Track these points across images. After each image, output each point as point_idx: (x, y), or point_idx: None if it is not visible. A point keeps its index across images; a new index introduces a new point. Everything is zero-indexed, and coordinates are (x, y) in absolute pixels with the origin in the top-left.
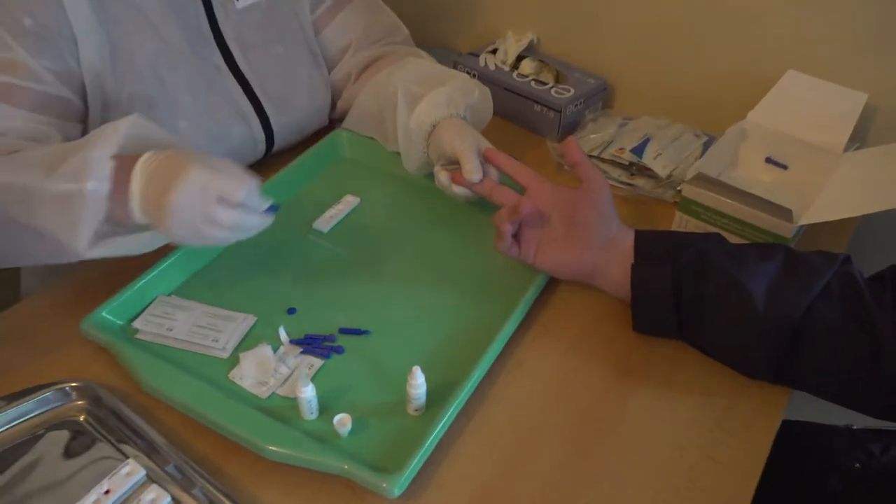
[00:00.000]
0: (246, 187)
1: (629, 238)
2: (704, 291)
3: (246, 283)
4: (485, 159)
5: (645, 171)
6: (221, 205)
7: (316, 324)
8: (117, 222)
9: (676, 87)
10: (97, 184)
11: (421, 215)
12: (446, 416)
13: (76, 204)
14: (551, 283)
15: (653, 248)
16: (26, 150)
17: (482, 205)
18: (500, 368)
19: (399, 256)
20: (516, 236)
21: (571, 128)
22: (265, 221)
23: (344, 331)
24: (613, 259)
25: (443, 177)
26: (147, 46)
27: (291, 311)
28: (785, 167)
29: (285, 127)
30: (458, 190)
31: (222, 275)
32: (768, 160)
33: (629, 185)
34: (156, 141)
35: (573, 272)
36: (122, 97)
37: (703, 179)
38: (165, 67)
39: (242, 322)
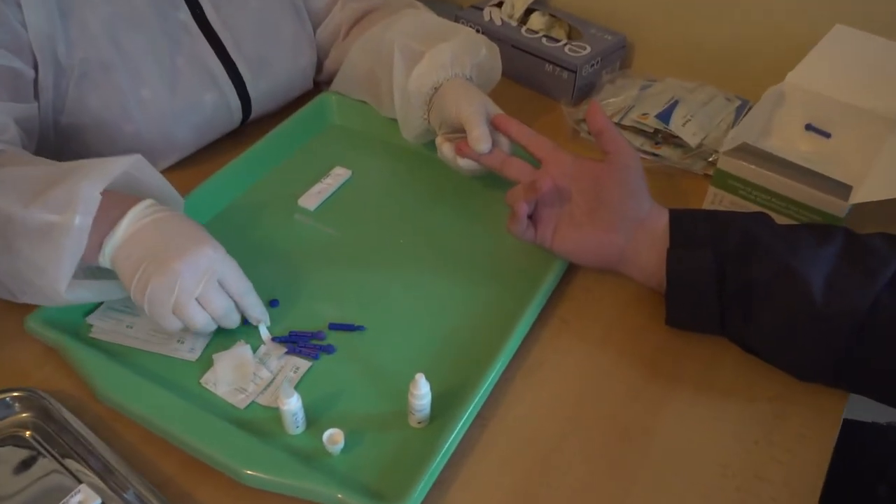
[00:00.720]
0: (248, 284)
1: (663, 218)
2: (753, 280)
3: None
4: (494, 127)
5: (671, 140)
6: (217, 288)
7: (302, 318)
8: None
9: (704, 44)
10: (85, 219)
11: (421, 191)
12: (455, 430)
13: (59, 237)
14: (571, 270)
15: (691, 230)
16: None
17: (492, 179)
18: (514, 370)
19: (397, 239)
20: (532, 217)
21: (587, 90)
22: (233, 324)
23: (334, 326)
24: (644, 242)
25: (446, 148)
26: (100, 4)
27: (273, 303)
28: (828, 135)
29: (264, 93)
30: (463, 163)
31: None
32: (808, 127)
33: (654, 154)
34: (148, 187)
35: (598, 258)
36: (73, 63)
37: (744, 150)
38: (122, 28)
39: None
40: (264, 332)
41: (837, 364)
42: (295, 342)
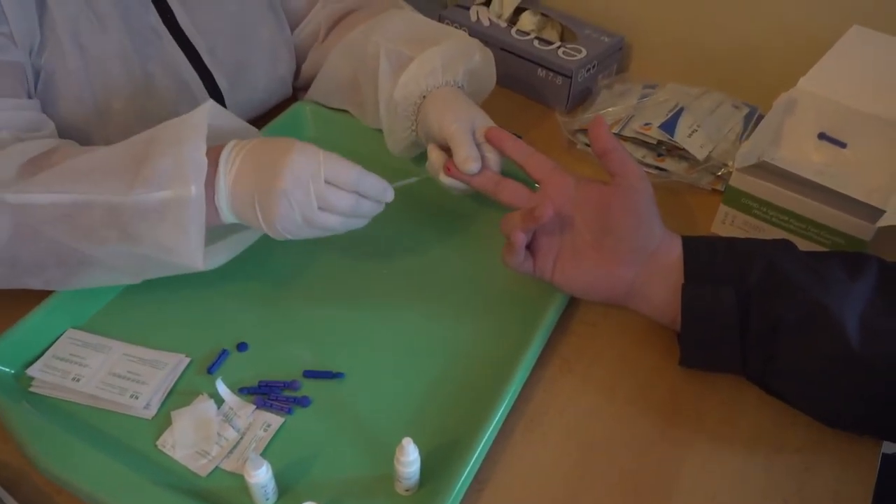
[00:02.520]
0: (357, 169)
1: (675, 247)
2: (779, 318)
3: (181, 309)
4: (487, 141)
5: (676, 152)
6: (333, 188)
7: (273, 365)
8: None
9: (709, 45)
10: (199, 186)
11: (409, 214)
12: (450, 498)
13: (181, 212)
14: (573, 303)
15: (708, 261)
16: (65, 159)
17: (486, 198)
18: (514, 422)
19: (379, 270)
20: (530, 246)
21: (583, 97)
22: (378, 207)
23: (310, 374)
24: (656, 275)
25: (434, 156)
26: (66, 5)
27: (242, 346)
28: (843, 145)
29: (241, 104)
30: (447, 180)
31: (151, 297)
32: (822, 136)
33: (658, 168)
34: (222, 130)
35: (604, 292)
36: (41, 64)
37: (758, 166)
38: (87, 31)
39: (174, 368)
40: (222, 390)
41: (873, 411)
42: (265, 394)
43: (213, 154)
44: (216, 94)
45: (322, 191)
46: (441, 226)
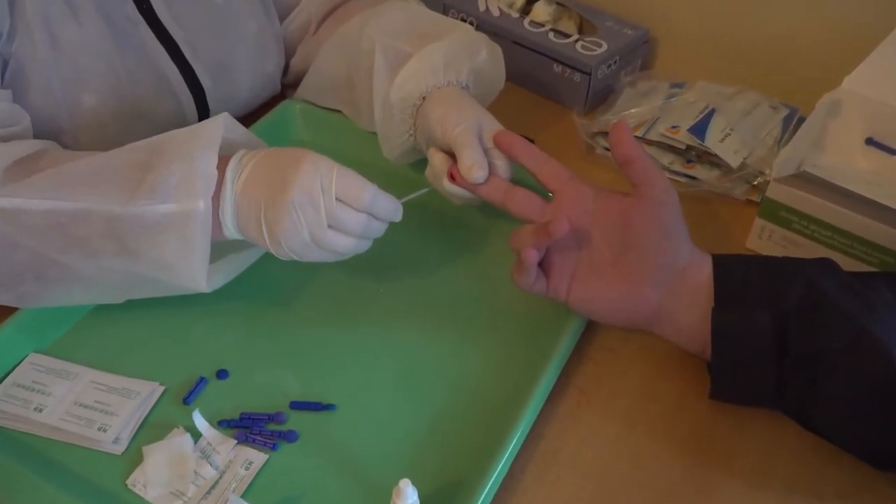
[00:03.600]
0: (372, 188)
1: (705, 267)
2: (820, 347)
3: (155, 332)
4: (495, 146)
5: (707, 158)
6: (344, 206)
7: (257, 395)
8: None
9: (744, 39)
10: (208, 200)
11: (408, 226)
12: None
13: (186, 227)
14: (591, 327)
15: (741, 283)
16: (56, 163)
17: (493, 209)
18: (524, 461)
19: (375, 288)
20: (542, 264)
21: (603, 95)
22: (384, 228)
23: (297, 405)
24: (684, 298)
25: (437, 161)
26: None
27: (222, 374)
28: (894, 152)
29: (224, 102)
30: (451, 188)
31: (122, 318)
32: (870, 142)
33: (686, 176)
34: (233, 143)
35: (625, 316)
36: (10, 52)
37: (799, 176)
38: (59, 19)
39: (146, 397)
40: (200, 423)
41: None
42: (248, 428)
43: (221, 164)
44: (198, 91)
45: (332, 208)
46: (444, 240)
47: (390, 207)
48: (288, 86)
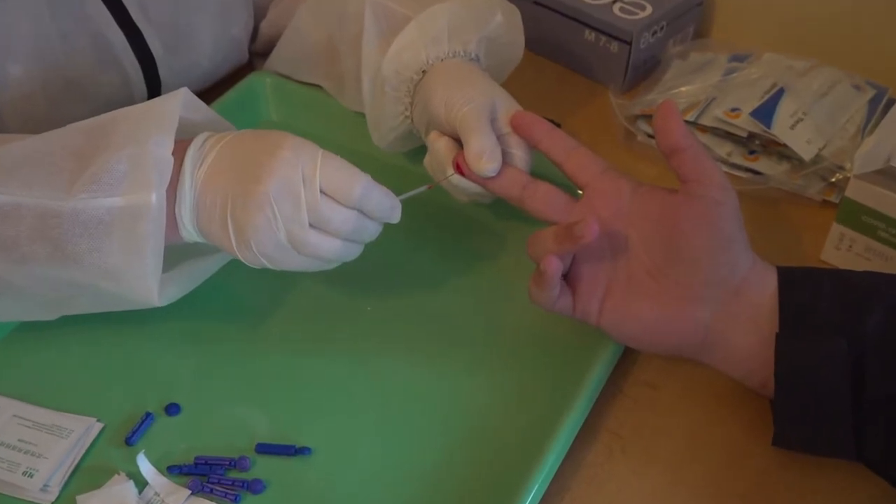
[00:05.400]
0: (365, 179)
1: (769, 283)
2: None
3: (92, 356)
4: (512, 131)
5: (775, 148)
6: (330, 201)
7: (216, 435)
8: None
9: (819, 3)
10: (161, 193)
11: (399, 229)
12: None
13: (135, 225)
14: (627, 355)
15: (812, 304)
16: None
17: (506, 208)
18: None
19: (362, 306)
20: (567, 276)
21: (647, 69)
22: (378, 230)
23: (265, 448)
24: (741, 320)
25: (440, 147)
26: None
27: (172, 408)
28: None
29: (180, 73)
30: (457, 182)
31: (52, 339)
32: None
33: (749, 171)
34: (194, 123)
35: (668, 341)
36: None
37: (887, 173)
38: None
39: (81, 436)
40: (145, 467)
41: None
42: (204, 475)
43: (179, 150)
44: (147, 59)
45: (316, 202)
46: (447, 247)
47: (386, 204)
48: (257, 54)
